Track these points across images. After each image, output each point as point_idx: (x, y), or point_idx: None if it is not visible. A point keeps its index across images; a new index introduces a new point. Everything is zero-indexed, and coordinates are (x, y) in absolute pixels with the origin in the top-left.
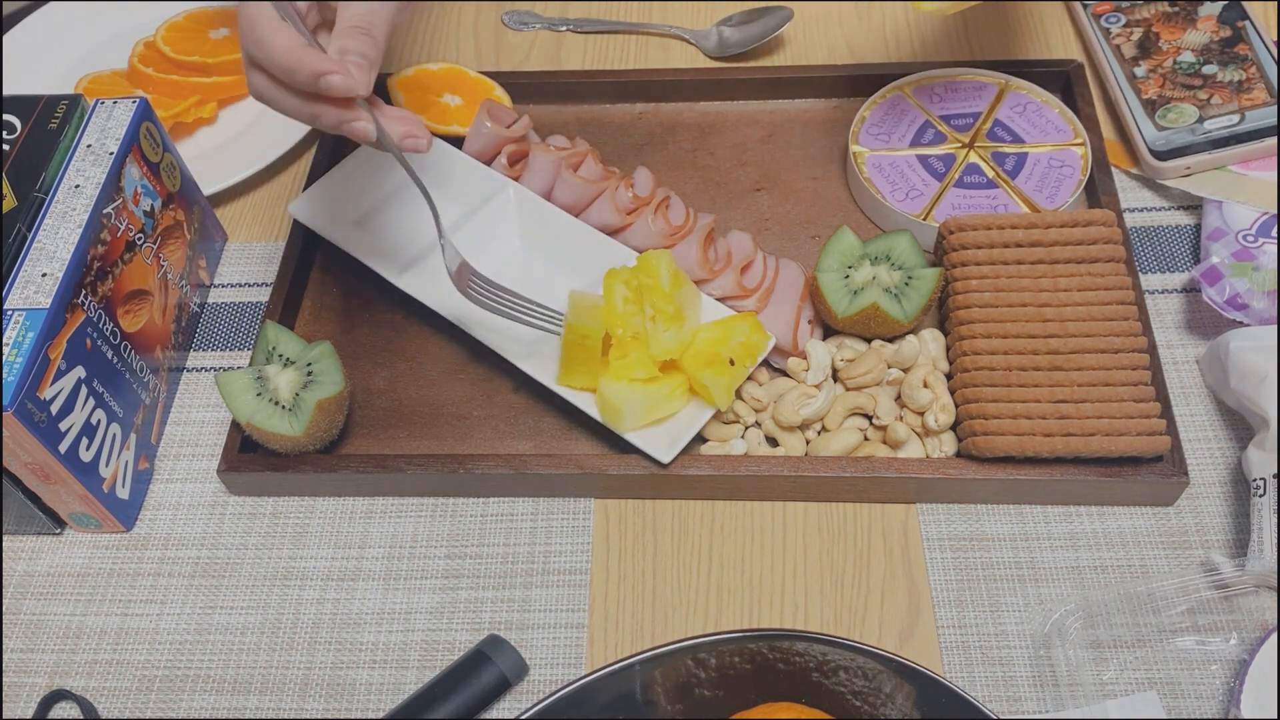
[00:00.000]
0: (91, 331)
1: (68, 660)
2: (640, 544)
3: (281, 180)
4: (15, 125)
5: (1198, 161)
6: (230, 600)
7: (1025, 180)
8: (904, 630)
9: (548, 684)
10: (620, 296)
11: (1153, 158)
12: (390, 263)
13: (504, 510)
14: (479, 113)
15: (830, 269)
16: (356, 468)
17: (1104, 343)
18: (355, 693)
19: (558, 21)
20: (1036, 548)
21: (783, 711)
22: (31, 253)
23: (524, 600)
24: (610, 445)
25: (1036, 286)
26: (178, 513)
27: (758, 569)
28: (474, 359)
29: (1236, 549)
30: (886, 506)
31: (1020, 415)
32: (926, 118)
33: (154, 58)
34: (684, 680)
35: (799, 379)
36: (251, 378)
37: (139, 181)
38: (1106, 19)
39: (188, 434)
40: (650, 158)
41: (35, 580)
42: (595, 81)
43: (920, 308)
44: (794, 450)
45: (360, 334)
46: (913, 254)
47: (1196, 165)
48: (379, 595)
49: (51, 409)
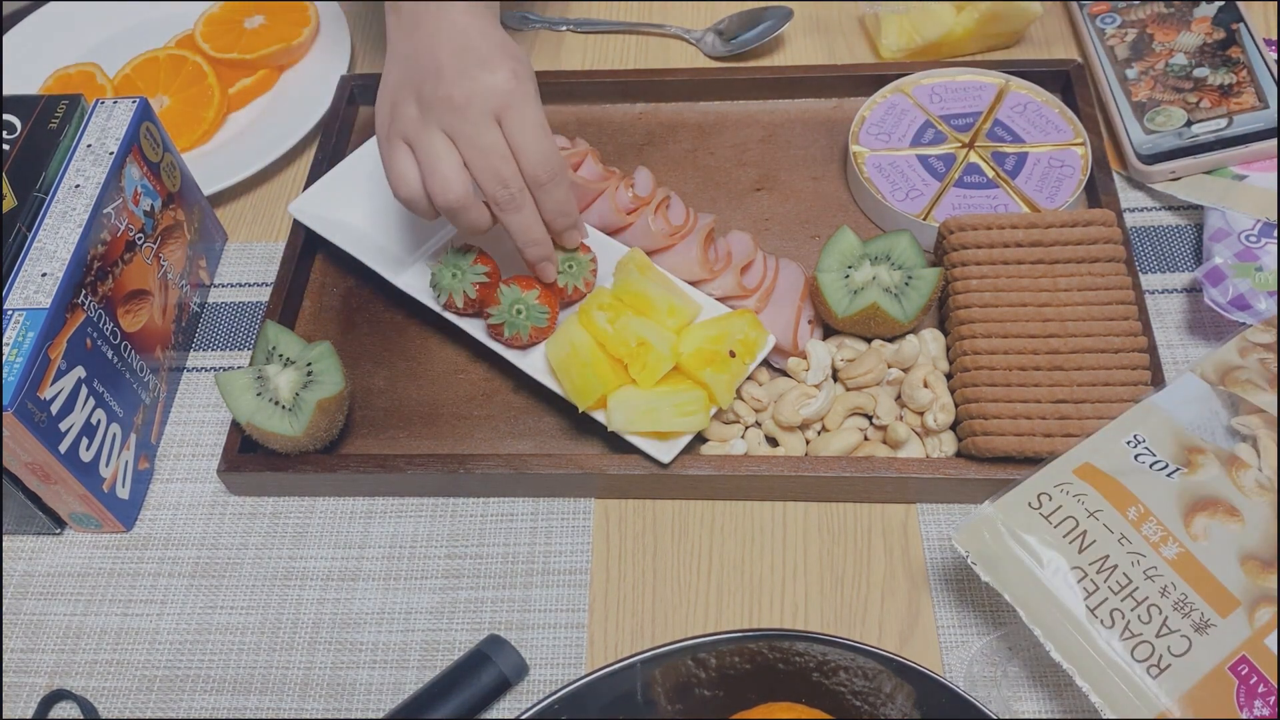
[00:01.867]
0: (91, 331)
1: (68, 660)
2: (640, 544)
3: (281, 180)
4: (15, 125)
5: (1183, 166)
6: (230, 600)
7: (1025, 180)
8: (904, 630)
9: (548, 684)
10: (602, 321)
11: (1139, 161)
12: (390, 263)
13: (504, 510)
14: None
15: (830, 269)
16: (356, 468)
17: (1104, 343)
18: (355, 693)
19: (558, 21)
20: None
21: (783, 711)
22: (31, 253)
23: (524, 600)
24: (610, 445)
25: (1036, 286)
26: (178, 513)
27: (758, 569)
28: (474, 359)
29: None
30: (886, 506)
31: (1020, 415)
32: (926, 118)
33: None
34: (684, 680)
35: (799, 379)
36: (251, 378)
37: (139, 181)
38: (1102, 19)
39: (188, 434)
40: (650, 158)
41: (35, 580)
42: (595, 81)
43: (920, 308)
44: (794, 450)
45: (360, 334)
46: (913, 254)
47: (1182, 170)
48: (379, 595)
49: (51, 409)
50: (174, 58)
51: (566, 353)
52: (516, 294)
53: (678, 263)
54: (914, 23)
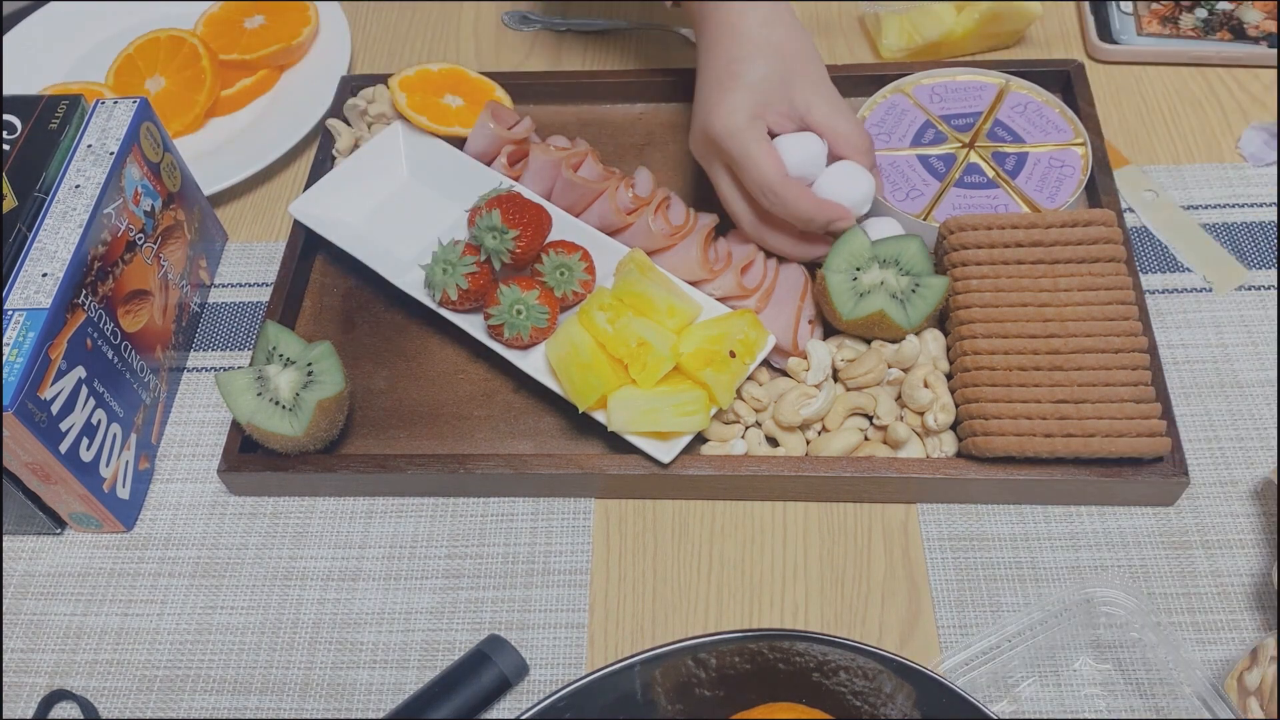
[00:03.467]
0: (92, 331)
1: (68, 660)
2: (640, 544)
3: (281, 180)
4: (15, 125)
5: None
6: (230, 600)
7: (1025, 180)
8: (904, 630)
9: (548, 684)
10: (603, 321)
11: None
12: (390, 263)
13: (504, 510)
14: (482, 114)
15: (838, 269)
16: (357, 468)
17: (1104, 343)
18: (355, 693)
19: (558, 21)
20: (1037, 548)
21: (783, 711)
22: (32, 253)
23: (524, 600)
24: (610, 445)
25: (1037, 286)
26: (178, 513)
27: (758, 569)
28: (474, 359)
29: (1236, 549)
30: (886, 506)
31: (1020, 415)
32: (927, 118)
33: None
34: (684, 680)
35: (799, 379)
36: (252, 378)
37: (139, 181)
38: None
39: (188, 434)
40: (650, 158)
41: (35, 580)
42: (595, 81)
43: (925, 315)
44: (794, 450)
45: (360, 334)
46: (922, 260)
47: None
48: (379, 595)
49: (52, 409)
50: (174, 39)
51: (566, 353)
52: (516, 294)
53: (678, 263)
54: (914, 23)
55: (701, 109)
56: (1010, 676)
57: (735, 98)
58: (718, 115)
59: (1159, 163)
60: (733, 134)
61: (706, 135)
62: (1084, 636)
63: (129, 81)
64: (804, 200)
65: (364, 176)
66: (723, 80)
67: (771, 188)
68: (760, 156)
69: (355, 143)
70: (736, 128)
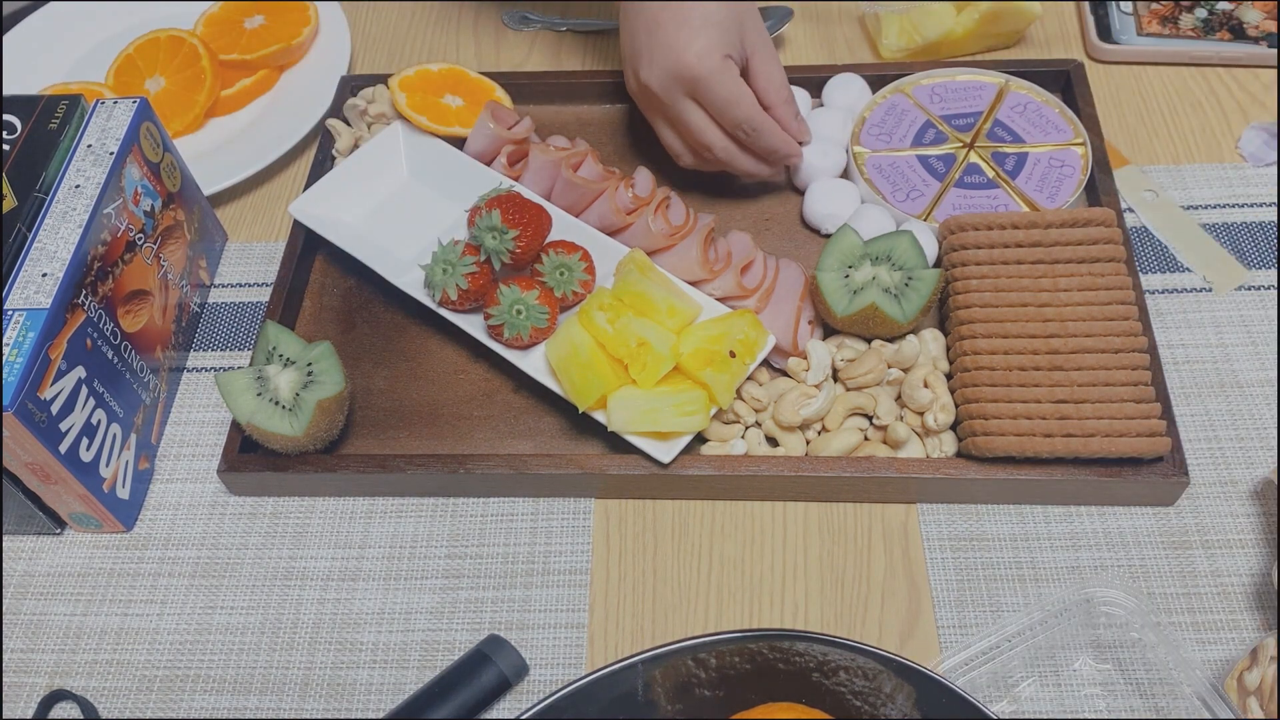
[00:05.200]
0: (92, 331)
1: (68, 660)
2: (640, 544)
3: (281, 180)
4: (15, 125)
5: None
6: (230, 600)
7: (1025, 180)
8: (904, 630)
9: (548, 684)
10: (603, 321)
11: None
12: (390, 263)
13: (504, 510)
14: (482, 114)
15: (830, 268)
16: (357, 468)
17: (1104, 343)
18: (355, 693)
19: (558, 21)
20: (1037, 548)
21: (783, 711)
22: (32, 253)
23: (524, 600)
24: (610, 445)
25: (1037, 286)
26: (178, 513)
27: (758, 569)
28: (474, 359)
29: (1236, 549)
30: (886, 506)
31: (1020, 415)
32: (927, 118)
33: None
34: (684, 680)
35: (799, 379)
36: (252, 378)
37: (139, 181)
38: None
39: (188, 434)
40: (650, 158)
41: (35, 580)
42: (595, 81)
43: (919, 309)
44: (794, 450)
45: (360, 334)
46: (914, 254)
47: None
48: (379, 595)
49: (52, 409)
50: (173, 39)
51: (566, 353)
52: (516, 294)
53: (678, 263)
54: (914, 23)
55: (661, 49)
56: (1010, 676)
57: (706, 37)
58: (691, 54)
59: (1159, 163)
60: (712, 73)
61: (677, 74)
62: (1084, 636)
63: (129, 81)
64: (776, 134)
65: (364, 176)
66: (688, 19)
67: (752, 123)
68: (744, 95)
69: (355, 143)
70: (716, 66)
